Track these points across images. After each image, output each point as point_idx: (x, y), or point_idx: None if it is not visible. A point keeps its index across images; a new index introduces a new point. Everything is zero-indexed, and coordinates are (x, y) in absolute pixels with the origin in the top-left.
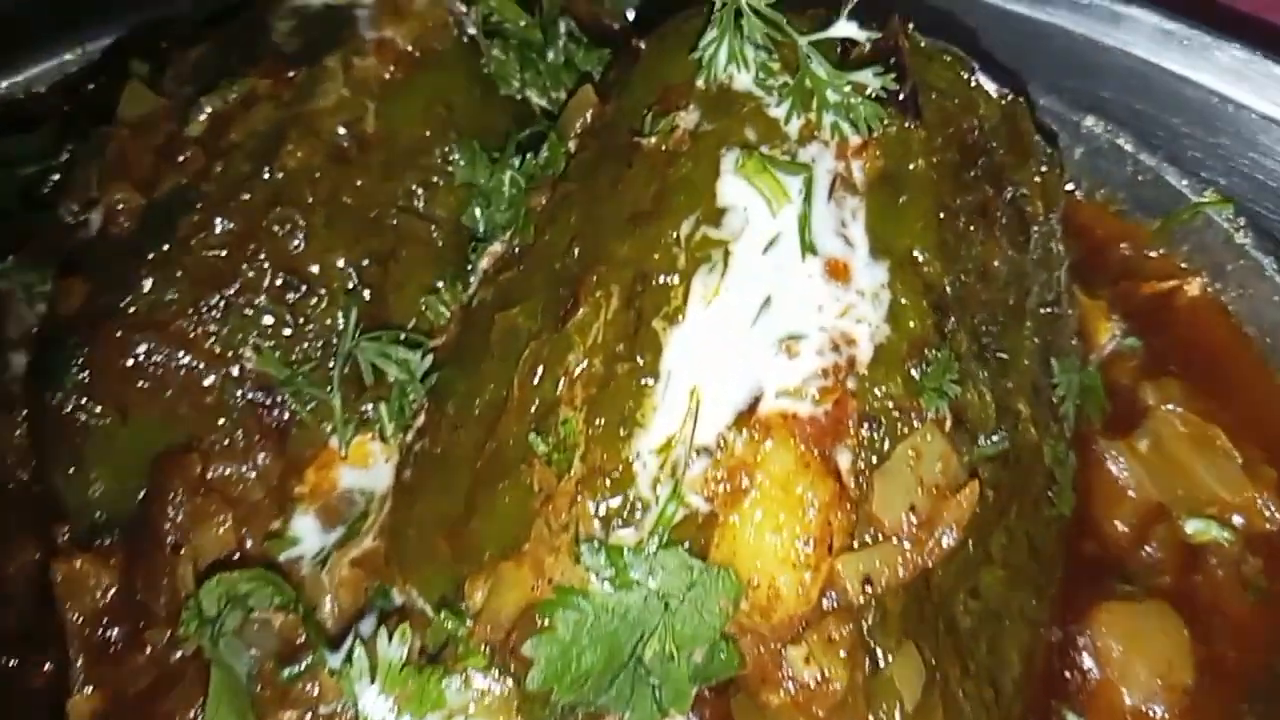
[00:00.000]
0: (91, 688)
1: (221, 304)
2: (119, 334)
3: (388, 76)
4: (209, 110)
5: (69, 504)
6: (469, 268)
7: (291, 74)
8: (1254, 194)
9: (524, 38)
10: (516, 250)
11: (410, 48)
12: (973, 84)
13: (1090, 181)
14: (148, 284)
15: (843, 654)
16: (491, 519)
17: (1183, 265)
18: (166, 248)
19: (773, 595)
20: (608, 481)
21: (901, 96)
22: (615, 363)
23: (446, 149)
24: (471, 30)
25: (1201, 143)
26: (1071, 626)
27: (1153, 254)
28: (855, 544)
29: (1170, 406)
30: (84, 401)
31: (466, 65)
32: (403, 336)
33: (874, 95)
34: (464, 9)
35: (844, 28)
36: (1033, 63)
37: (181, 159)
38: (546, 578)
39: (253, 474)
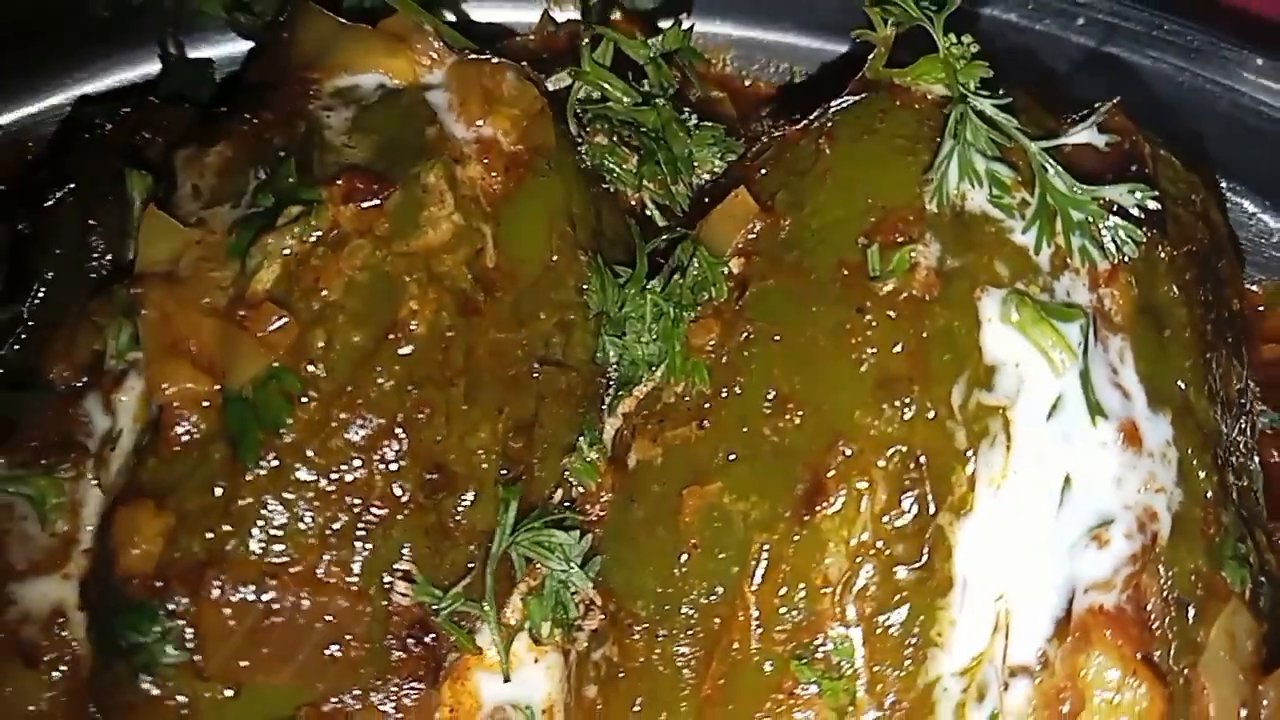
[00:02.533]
0: None
1: (358, 526)
2: (230, 588)
3: (497, 189)
4: (283, 253)
5: None
6: (601, 411)
7: (381, 196)
8: None
9: (632, 120)
10: (685, 401)
11: (516, 146)
12: (1198, 186)
13: None
14: (256, 513)
15: None
16: None
17: None
18: (273, 460)
19: None
20: (903, 714)
21: (1151, 210)
22: (894, 567)
23: (578, 275)
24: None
25: None
26: None
27: (1265, 311)
28: None
29: None
30: (183, 681)
31: (572, 162)
32: (553, 517)
33: (1117, 210)
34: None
35: (1085, 134)
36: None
37: (263, 330)
38: None
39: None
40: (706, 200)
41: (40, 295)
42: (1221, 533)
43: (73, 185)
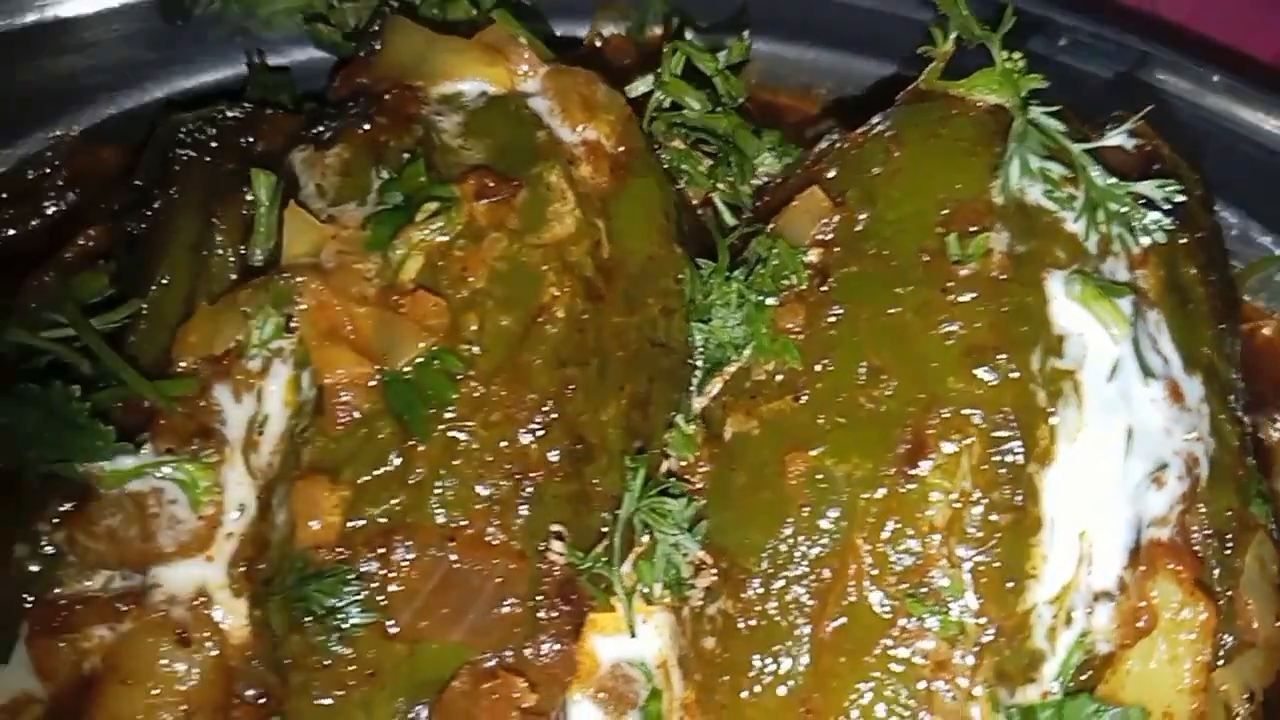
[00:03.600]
0: None
1: (519, 493)
2: (414, 551)
3: (604, 187)
4: (426, 246)
5: None
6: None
7: (510, 193)
8: None
9: (703, 126)
10: (777, 378)
11: (618, 149)
12: (1199, 182)
13: None
14: (431, 482)
15: None
16: (869, 697)
17: (1259, 307)
18: (442, 433)
19: None
20: (1006, 640)
21: (1176, 203)
22: (992, 512)
23: (676, 265)
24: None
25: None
26: None
27: None
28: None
29: None
30: (371, 642)
31: (659, 164)
32: (661, 486)
33: (1146, 202)
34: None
35: (1116, 137)
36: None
37: (420, 314)
38: None
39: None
40: (767, 199)
41: (157, 290)
42: (1248, 475)
43: (175, 189)
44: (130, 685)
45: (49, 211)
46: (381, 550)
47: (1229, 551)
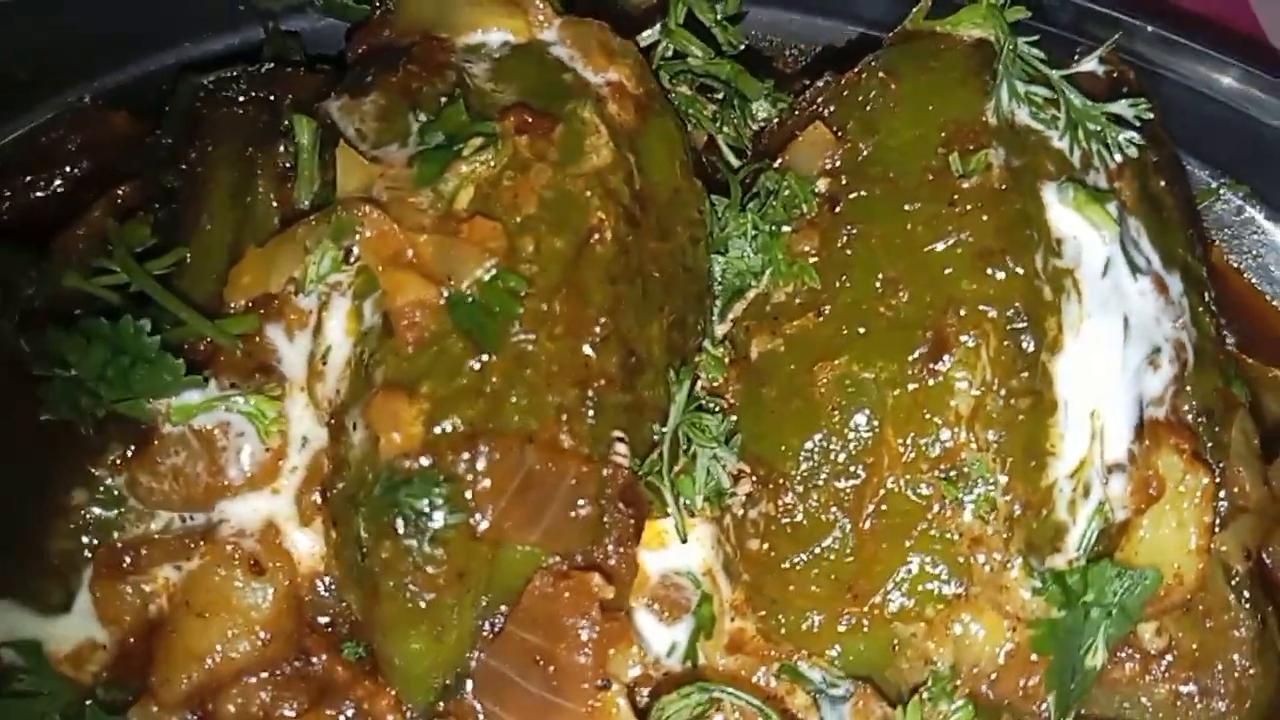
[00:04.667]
0: None
1: (584, 400)
2: (496, 454)
3: (630, 125)
4: (475, 175)
5: (412, 669)
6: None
7: (548, 128)
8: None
9: (707, 72)
10: (797, 298)
11: (638, 90)
12: (1159, 109)
13: None
14: (506, 391)
15: (1210, 623)
16: (911, 574)
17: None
18: (513, 345)
19: (1176, 581)
20: (1033, 513)
21: (1145, 120)
22: (1012, 398)
23: (697, 198)
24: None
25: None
26: None
27: None
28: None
29: None
30: (459, 544)
31: (673, 107)
32: (698, 402)
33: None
34: None
35: (1089, 64)
36: None
37: (479, 237)
38: (1014, 616)
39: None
40: (767, 141)
41: (200, 238)
42: (1227, 360)
43: (209, 142)
44: (206, 618)
45: (61, 178)
46: (466, 454)
47: (1218, 428)
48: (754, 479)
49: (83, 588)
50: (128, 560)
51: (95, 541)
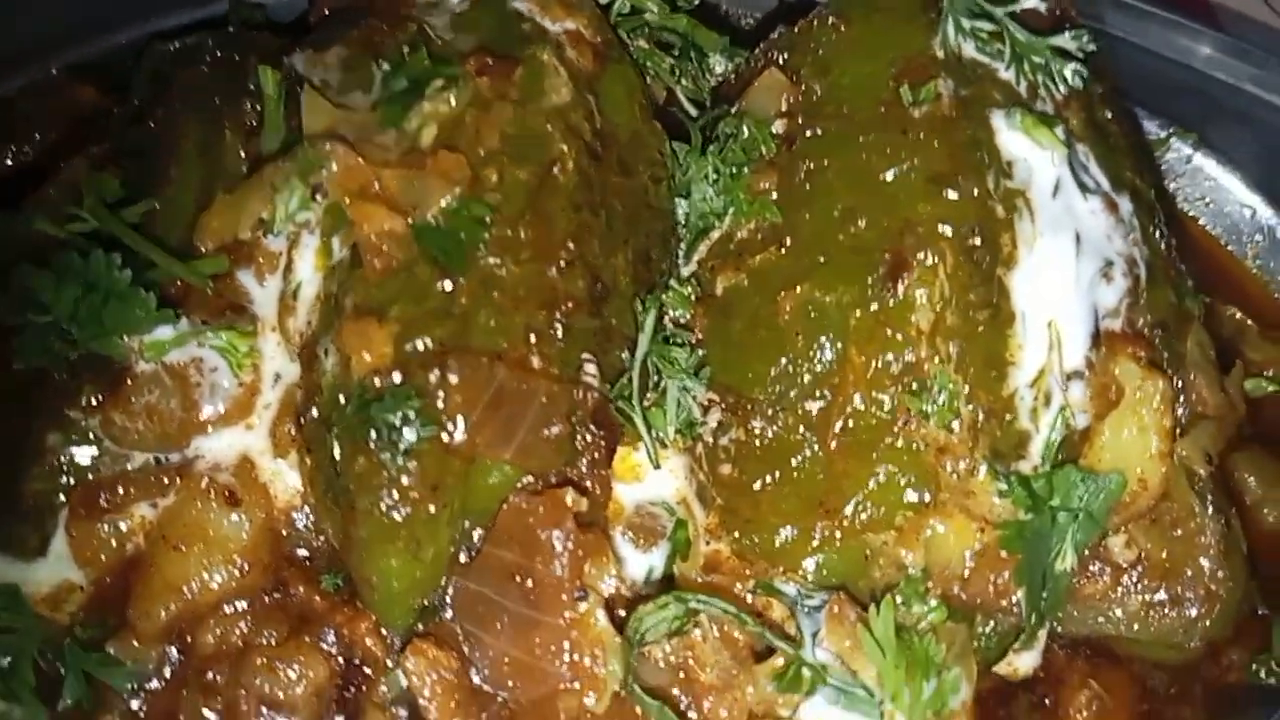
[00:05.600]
0: None
1: (553, 322)
2: (467, 369)
3: (589, 69)
4: (440, 116)
5: (390, 589)
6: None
7: (509, 70)
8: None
9: (667, 26)
10: (759, 234)
11: (595, 39)
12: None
13: None
14: (474, 312)
15: (1178, 531)
16: (879, 486)
17: None
18: (480, 268)
19: (1141, 487)
20: (996, 421)
21: (1090, 52)
22: (971, 312)
23: (658, 140)
24: None
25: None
26: None
27: None
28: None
29: None
30: (434, 458)
31: (629, 58)
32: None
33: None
34: None
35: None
36: None
37: (443, 168)
38: (982, 519)
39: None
40: (725, 92)
41: (169, 189)
42: (1178, 275)
43: (177, 101)
44: (183, 549)
45: (30, 147)
46: (437, 370)
47: (1174, 339)
48: (723, 407)
49: (59, 531)
50: (103, 498)
51: (71, 483)
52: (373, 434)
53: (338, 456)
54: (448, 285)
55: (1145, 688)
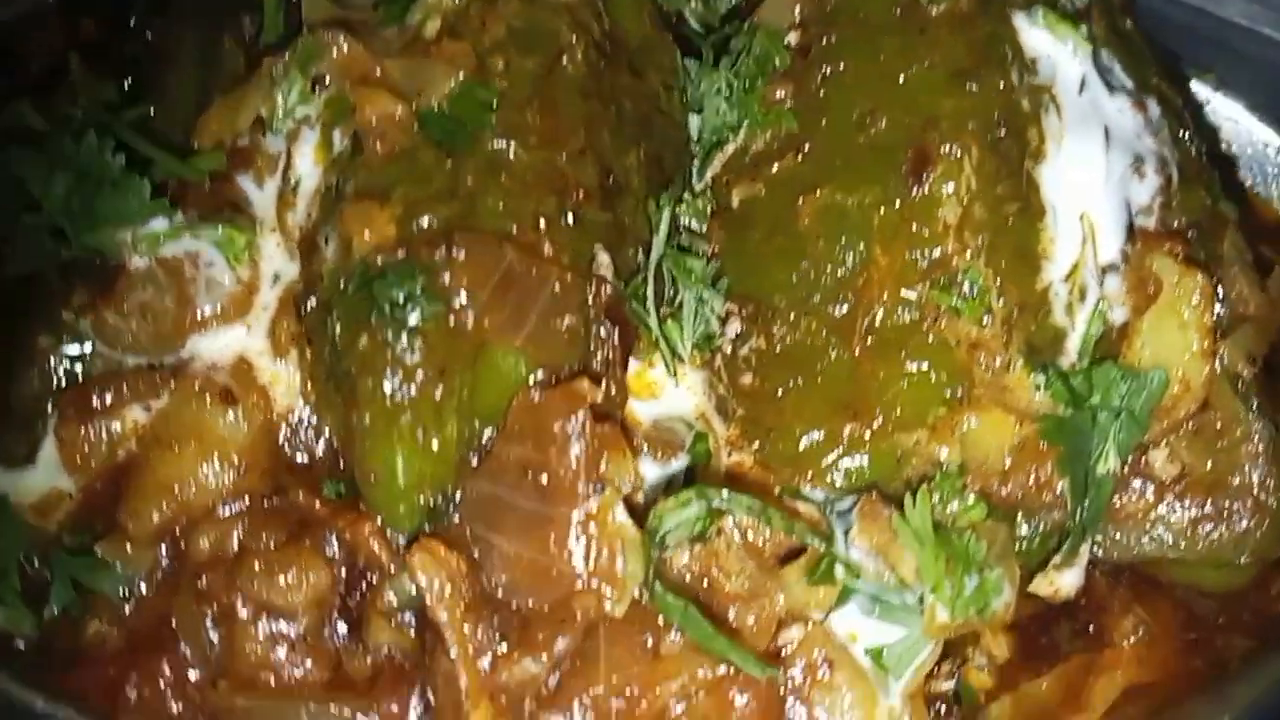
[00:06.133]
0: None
1: (563, 210)
2: (473, 248)
3: None
4: (441, 5)
5: (395, 483)
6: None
7: None
8: None
9: None
10: (775, 144)
11: None
12: None
13: None
14: (480, 193)
15: (1223, 442)
16: (909, 384)
17: None
18: (487, 149)
19: (1183, 389)
20: (1030, 316)
21: None
22: (998, 205)
23: (668, 50)
24: None
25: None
26: None
27: None
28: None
29: None
30: (440, 335)
31: None
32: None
33: None
34: None
35: None
36: None
37: (450, 59)
38: (1020, 412)
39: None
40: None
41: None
42: (1211, 179)
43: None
44: (177, 448)
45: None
46: (442, 248)
47: (1210, 239)
48: (742, 316)
49: (48, 437)
50: (95, 399)
51: (63, 385)
52: (375, 312)
53: (338, 339)
54: (453, 167)
55: (1192, 615)
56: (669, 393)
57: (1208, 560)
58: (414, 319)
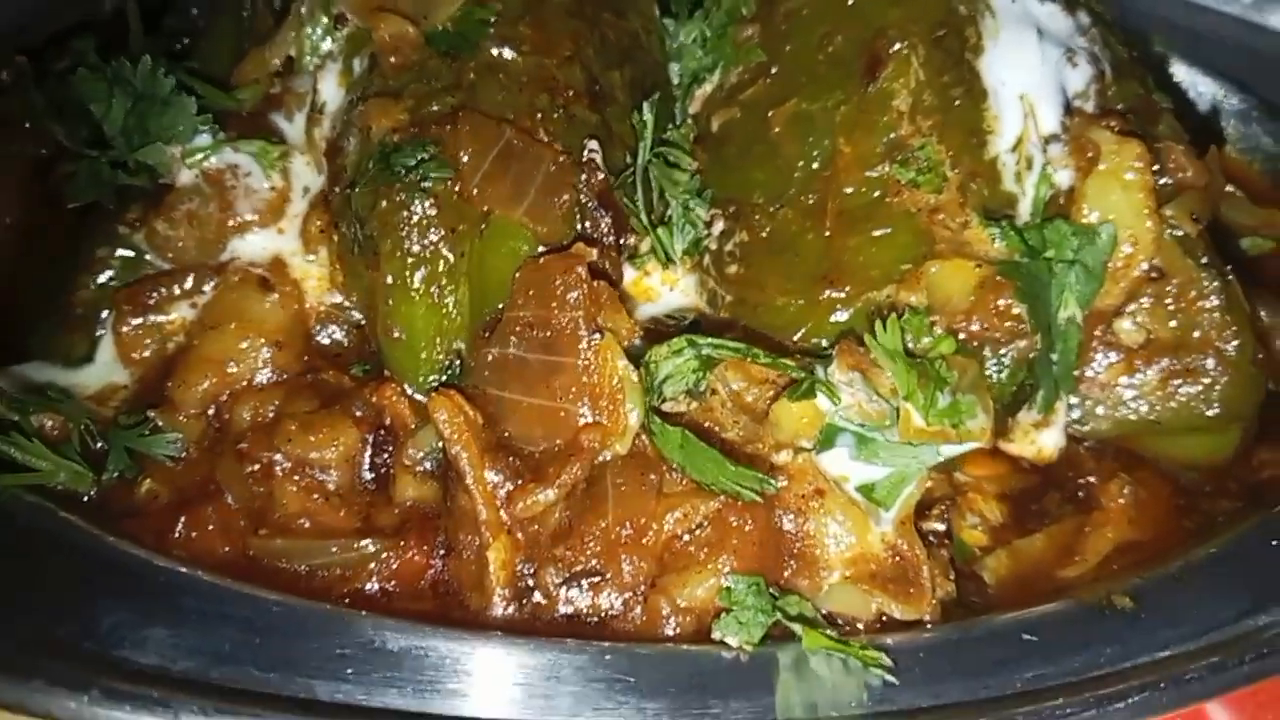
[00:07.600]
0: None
1: (555, 103)
2: (474, 121)
3: None
4: None
5: (415, 339)
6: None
7: None
8: None
9: None
10: (746, 74)
11: None
12: None
13: None
14: (482, 85)
15: (1180, 304)
16: (877, 248)
17: None
18: (488, 55)
19: (1134, 244)
20: (983, 182)
21: None
22: (946, 91)
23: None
24: None
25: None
26: None
27: None
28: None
29: None
30: (448, 199)
31: None
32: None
33: None
34: None
35: None
36: None
37: None
38: (979, 257)
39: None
40: None
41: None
42: (1144, 74)
43: None
44: (220, 329)
45: None
46: (449, 124)
47: (1146, 123)
48: (725, 216)
49: (106, 336)
50: (147, 295)
51: (118, 286)
52: (392, 178)
53: (361, 210)
54: (458, 66)
55: (1179, 486)
56: (665, 296)
57: (1184, 423)
58: (425, 180)
